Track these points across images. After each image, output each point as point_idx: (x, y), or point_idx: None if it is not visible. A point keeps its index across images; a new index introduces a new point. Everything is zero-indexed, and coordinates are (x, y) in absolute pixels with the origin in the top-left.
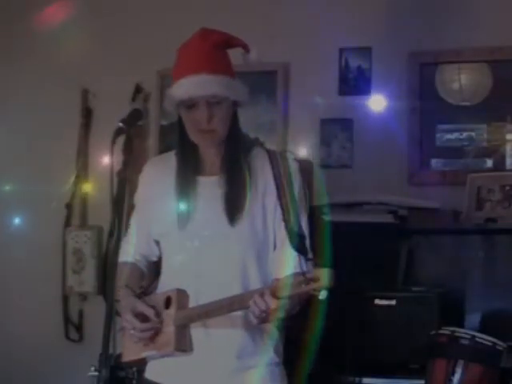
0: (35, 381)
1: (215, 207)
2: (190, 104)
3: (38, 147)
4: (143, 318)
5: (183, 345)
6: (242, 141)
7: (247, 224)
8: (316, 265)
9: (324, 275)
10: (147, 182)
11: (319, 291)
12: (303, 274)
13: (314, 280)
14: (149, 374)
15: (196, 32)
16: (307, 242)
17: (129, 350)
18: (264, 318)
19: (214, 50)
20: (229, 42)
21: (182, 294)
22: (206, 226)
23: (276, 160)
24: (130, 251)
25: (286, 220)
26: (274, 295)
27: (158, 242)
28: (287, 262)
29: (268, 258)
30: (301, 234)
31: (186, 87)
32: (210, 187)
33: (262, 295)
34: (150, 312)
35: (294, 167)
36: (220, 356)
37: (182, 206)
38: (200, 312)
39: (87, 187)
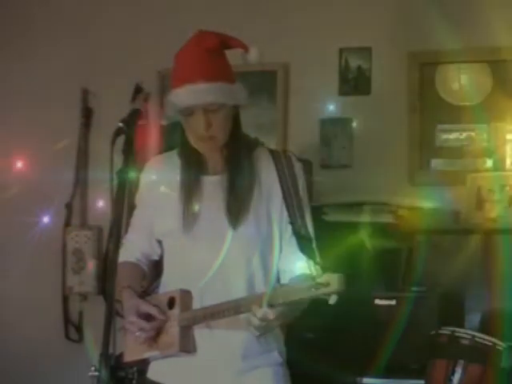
0: (35, 381)
1: (220, 207)
2: (188, 112)
3: (38, 147)
4: (148, 318)
5: (187, 346)
6: (244, 142)
7: (252, 225)
8: (323, 268)
9: (335, 280)
10: (150, 180)
11: (329, 296)
12: (313, 278)
13: (325, 285)
14: (151, 374)
15: (192, 36)
16: (314, 244)
17: (131, 350)
18: (265, 328)
19: (208, 55)
20: (225, 43)
21: (185, 295)
22: (211, 226)
23: (280, 160)
24: (132, 251)
25: (292, 222)
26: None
27: (160, 242)
28: (295, 265)
29: (273, 258)
30: (308, 237)
31: (182, 97)
32: (215, 186)
33: (260, 306)
34: (154, 310)
35: (298, 168)
36: (225, 357)
37: (187, 206)
38: (205, 313)
39: (87, 187)
